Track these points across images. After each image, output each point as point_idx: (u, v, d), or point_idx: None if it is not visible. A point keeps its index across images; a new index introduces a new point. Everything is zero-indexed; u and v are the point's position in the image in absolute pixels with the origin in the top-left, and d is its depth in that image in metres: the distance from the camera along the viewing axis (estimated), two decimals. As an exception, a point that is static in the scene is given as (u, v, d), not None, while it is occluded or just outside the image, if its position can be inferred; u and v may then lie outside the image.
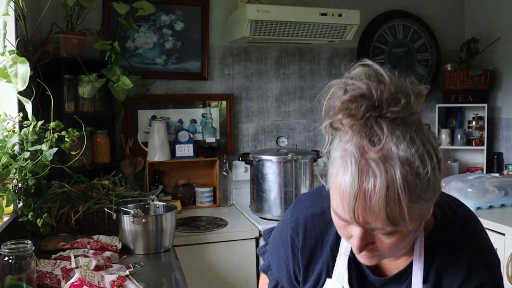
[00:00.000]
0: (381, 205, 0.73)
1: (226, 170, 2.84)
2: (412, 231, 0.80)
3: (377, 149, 0.73)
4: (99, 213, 1.93)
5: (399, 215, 0.74)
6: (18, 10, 1.90)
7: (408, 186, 0.73)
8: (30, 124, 1.76)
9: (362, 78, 0.76)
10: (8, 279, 1.24)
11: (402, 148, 0.73)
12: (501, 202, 2.52)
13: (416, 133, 0.75)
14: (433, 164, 0.75)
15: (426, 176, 0.74)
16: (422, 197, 0.75)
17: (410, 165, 0.73)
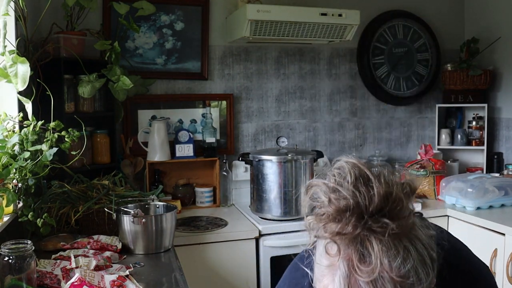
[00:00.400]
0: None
1: (226, 170, 2.84)
2: None
3: (368, 270, 0.67)
4: (99, 213, 1.93)
5: None
6: (18, 10, 1.90)
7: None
8: (30, 124, 1.76)
9: (348, 182, 0.70)
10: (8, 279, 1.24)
11: (395, 266, 0.67)
12: (501, 202, 2.52)
13: (411, 242, 0.68)
14: (429, 278, 0.69)
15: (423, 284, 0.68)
16: None
17: (405, 283, 0.67)
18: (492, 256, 2.21)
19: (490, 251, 2.22)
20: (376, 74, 3.22)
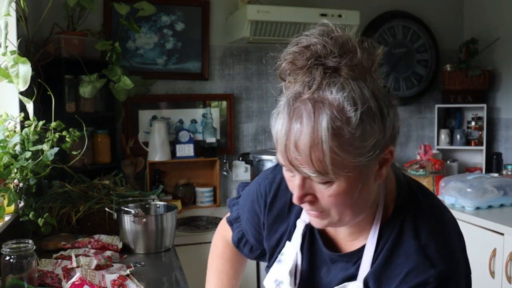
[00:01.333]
0: (306, 148, 0.72)
1: (227, 170, 2.85)
2: (353, 187, 0.78)
3: (310, 91, 0.74)
4: (99, 212, 1.93)
5: (323, 160, 0.72)
6: (20, 11, 1.91)
7: (334, 130, 0.71)
8: (31, 124, 1.76)
9: (314, 34, 0.77)
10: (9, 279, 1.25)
11: (333, 91, 0.73)
12: (500, 202, 2.53)
13: (356, 81, 0.74)
14: (369, 111, 0.73)
15: (361, 123, 0.72)
16: (354, 146, 0.73)
17: (341, 110, 0.72)
18: (491, 256, 2.22)
19: (489, 251, 2.23)
20: (375, 75, 3.22)
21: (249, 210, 1.10)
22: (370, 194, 0.83)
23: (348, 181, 0.77)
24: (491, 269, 2.21)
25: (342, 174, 0.75)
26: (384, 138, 0.76)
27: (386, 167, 0.81)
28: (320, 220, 0.84)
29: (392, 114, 0.78)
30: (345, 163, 0.74)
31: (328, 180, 0.76)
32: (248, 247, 1.14)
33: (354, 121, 0.72)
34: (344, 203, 0.80)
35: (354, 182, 0.77)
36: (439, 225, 0.87)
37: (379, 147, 0.76)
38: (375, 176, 0.81)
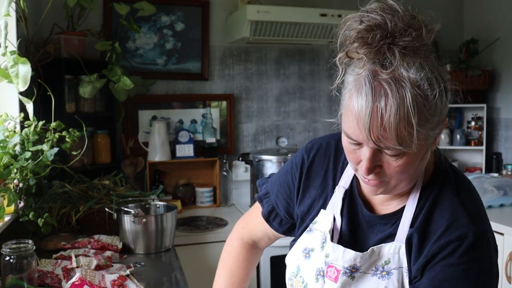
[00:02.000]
0: (391, 123, 0.76)
1: (226, 170, 2.85)
2: (418, 157, 0.84)
3: (388, 71, 0.77)
4: (99, 213, 1.93)
5: (408, 134, 0.77)
6: (19, 11, 1.91)
7: (417, 107, 0.77)
8: (31, 124, 1.76)
9: (377, 11, 0.81)
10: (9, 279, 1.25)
11: (412, 71, 0.77)
12: (500, 202, 2.53)
13: (426, 61, 0.78)
14: (440, 89, 0.79)
15: (434, 100, 0.78)
16: (429, 120, 0.79)
17: (419, 88, 0.77)
18: (491, 256, 2.21)
19: (489, 251, 2.23)
20: (375, 75, 3.22)
21: (281, 183, 1.13)
22: (425, 162, 0.89)
23: (417, 152, 0.82)
24: (491, 269, 2.21)
25: (420, 147, 0.81)
26: (446, 108, 0.83)
27: (439, 135, 0.87)
28: (377, 188, 0.89)
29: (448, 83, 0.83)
30: (422, 136, 0.79)
31: (403, 152, 0.81)
32: (278, 220, 1.16)
33: (431, 97, 0.78)
34: (407, 172, 0.85)
35: (420, 153, 0.84)
36: (473, 189, 0.94)
37: (444, 119, 0.84)
38: (432, 145, 0.87)
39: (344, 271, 0.93)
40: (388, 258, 0.91)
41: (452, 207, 0.88)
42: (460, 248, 0.85)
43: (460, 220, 0.87)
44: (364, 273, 0.92)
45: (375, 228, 0.95)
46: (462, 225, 0.86)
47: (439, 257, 0.86)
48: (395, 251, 0.90)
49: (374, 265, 0.92)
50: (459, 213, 0.87)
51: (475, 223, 0.86)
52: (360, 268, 0.92)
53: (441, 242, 0.86)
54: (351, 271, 0.93)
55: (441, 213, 0.88)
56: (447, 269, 0.85)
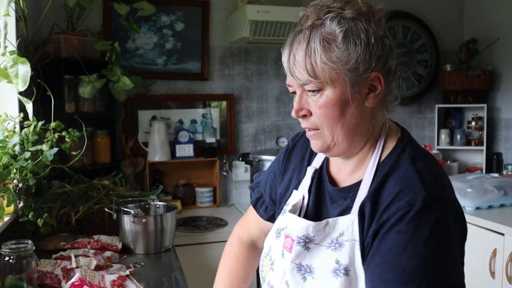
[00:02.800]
0: (302, 57, 0.90)
1: (226, 170, 2.85)
2: (339, 100, 0.90)
3: (309, 23, 0.91)
4: (99, 213, 1.93)
5: (314, 66, 0.89)
6: (19, 11, 1.91)
7: (324, 46, 0.88)
8: (30, 124, 1.76)
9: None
10: (8, 279, 1.25)
11: (328, 22, 0.90)
12: (500, 202, 2.52)
13: (351, 21, 0.89)
14: (354, 33, 0.88)
15: (345, 41, 0.88)
16: (338, 59, 0.88)
17: (332, 33, 0.89)
18: (491, 256, 2.21)
19: (490, 251, 2.22)
20: (375, 75, 3.22)
21: (270, 171, 1.20)
22: (360, 118, 0.92)
23: (335, 92, 0.90)
24: (491, 269, 2.21)
25: (329, 81, 0.89)
26: (369, 60, 0.88)
27: (375, 94, 0.91)
28: (316, 141, 0.96)
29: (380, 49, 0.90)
30: (332, 72, 0.89)
31: (319, 86, 0.90)
32: (264, 207, 1.21)
33: (340, 38, 0.88)
34: (332, 117, 0.91)
35: (341, 95, 0.90)
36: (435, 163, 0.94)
37: (364, 67, 0.88)
38: (364, 99, 0.91)
39: (298, 240, 0.94)
40: (342, 231, 0.91)
41: (407, 174, 0.88)
42: (409, 214, 0.83)
43: (412, 186, 0.85)
44: (319, 245, 0.93)
45: (336, 203, 0.97)
46: (413, 191, 0.85)
47: (388, 224, 0.85)
48: (349, 224, 0.90)
49: (329, 237, 0.92)
50: (412, 179, 0.87)
51: (427, 189, 0.84)
52: (314, 239, 0.93)
53: (391, 209, 0.85)
54: (304, 241, 0.94)
55: (395, 181, 0.88)
56: (395, 236, 0.83)
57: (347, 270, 0.88)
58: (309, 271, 0.93)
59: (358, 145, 0.95)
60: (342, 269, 0.88)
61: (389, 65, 0.92)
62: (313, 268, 0.92)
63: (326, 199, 1.00)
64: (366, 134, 0.94)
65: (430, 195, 0.84)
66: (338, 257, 0.89)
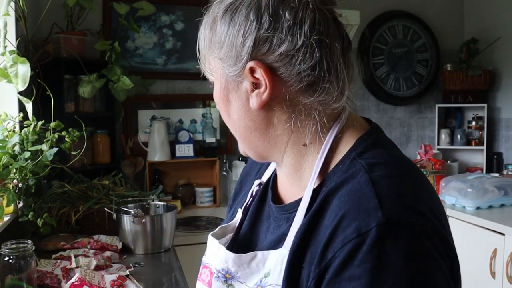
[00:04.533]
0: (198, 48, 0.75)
1: (226, 170, 2.84)
2: (220, 90, 0.75)
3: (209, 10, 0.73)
4: (99, 213, 1.93)
5: (200, 54, 0.76)
6: (19, 11, 1.91)
7: (211, 30, 0.71)
8: (30, 124, 1.76)
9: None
10: (8, 279, 1.24)
11: (219, 7, 0.70)
12: (500, 202, 2.52)
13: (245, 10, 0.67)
14: (232, 16, 0.68)
15: (228, 25, 0.69)
16: (213, 46, 0.71)
17: (215, 20, 0.70)
18: (492, 256, 2.21)
19: (490, 251, 2.22)
20: (376, 74, 3.22)
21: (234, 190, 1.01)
22: (248, 118, 0.72)
23: (218, 86, 0.75)
24: (491, 270, 2.21)
25: (212, 73, 0.76)
26: (243, 49, 0.68)
27: (260, 92, 0.68)
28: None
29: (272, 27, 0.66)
30: (212, 63, 0.74)
31: (211, 79, 0.78)
32: None
33: (218, 22, 0.70)
34: (224, 111, 0.76)
35: (222, 90, 0.74)
36: (406, 170, 0.66)
37: (237, 58, 0.69)
38: (248, 97, 0.70)
39: (217, 274, 0.74)
40: (268, 270, 0.69)
41: (357, 187, 0.62)
42: (361, 249, 0.57)
43: (363, 205, 0.59)
44: (246, 285, 0.71)
45: (274, 225, 0.75)
46: (364, 212, 0.58)
47: (334, 268, 0.59)
48: (277, 262, 0.68)
49: (257, 277, 0.70)
50: (363, 195, 0.60)
51: (385, 208, 0.58)
52: (237, 276, 0.71)
53: (335, 243, 0.59)
54: (224, 277, 0.73)
55: (341, 199, 0.62)
56: (347, 285, 0.57)
57: None
58: None
59: (272, 151, 0.74)
60: None
61: (282, 50, 0.66)
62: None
63: (263, 221, 0.79)
64: (277, 138, 0.72)
65: (388, 216, 0.57)
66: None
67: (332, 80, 0.68)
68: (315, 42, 0.66)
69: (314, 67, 0.66)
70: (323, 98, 0.68)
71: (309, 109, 0.69)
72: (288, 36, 0.66)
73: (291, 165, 0.73)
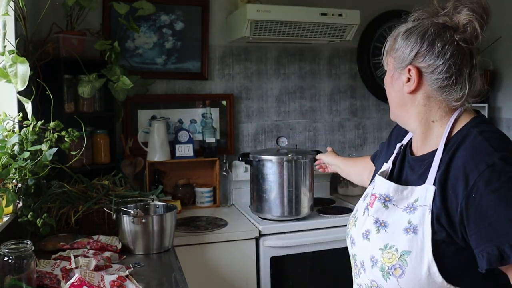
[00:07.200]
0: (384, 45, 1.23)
1: (226, 170, 2.84)
2: (389, 81, 1.19)
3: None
4: (99, 213, 1.93)
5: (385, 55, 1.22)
6: (18, 10, 1.90)
7: (392, 40, 1.19)
8: (30, 124, 1.76)
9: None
10: (8, 279, 1.24)
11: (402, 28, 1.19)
12: (501, 202, 2.51)
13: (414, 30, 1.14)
14: (407, 37, 1.14)
15: (400, 39, 1.15)
16: (394, 51, 1.16)
17: (403, 32, 1.16)
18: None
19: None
20: (376, 74, 3.22)
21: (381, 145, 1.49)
22: (401, 97, 1.16)
23: (388, 75, 1.20)
24: (492, 270, 2.20)
25: (388, 65, 1.20)
26: (408, 57, 1.12)
27: (410, 83, 1.12)
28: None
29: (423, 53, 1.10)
30: (390, 60, 1.19)
31: (386, 69, 1.22)
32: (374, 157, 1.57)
33: (399, 36, 1.16)
34: (388, 91, 1.22)
35: (390, 78, 1.19)
36: (502, 134, 1.06)
37: (403, 61, 1.13)
38: (404, 85, 1.14)
39: (379, 197, 1.14)
40: (417, 197, 1.07)
41: (476, 142, 1.02)
42: (494, 173, 0.95)
43: (485, 150, 0.99)
44: (396, 207, 1.11)
45: (414, 169, 1.16)
46: (487, 154, 0.98)
47: (478, 188, 0.96)
48: (423, 192, 1.06)
49: (406, 202, 1.09)
50: (483, 146, 1.00)
51: (499, 151, 0.97)
52: (393, 199, 1.12)
53: (473, 174, 0.97)
54: (384, 199, 1.13)
55: (466, 150, 1.02)
56: (491, 196, 0.94)
57: (416, 230, 1.04)
58: (384, 225, 1.11)
59: (409, 122, 1.18)
60: (412, 228, 1.04)
61: (430, 63, 1.10)
62: (388, 224, 1.10)
63: (407, 168, 1.19)
64: (415, 114, 1.15)
65: (504, 154, 0.97)
66: (410, 218, 1.06)
67: (457, 89, 1.09)
68: (451, 64, 1.08)
69: (446, 78, 1.09)
70: (447, 97, 1.11)
71: (438, 101, 1.12)
72: (435, 57, 1.09)
73: (422, 133, 1.16)
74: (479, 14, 1.07)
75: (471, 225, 0.96)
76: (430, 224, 1.02)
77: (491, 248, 0.93)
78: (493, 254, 0.93)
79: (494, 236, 0.93)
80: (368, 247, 1.13)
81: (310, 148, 3.11)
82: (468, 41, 1.08)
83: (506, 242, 0.91)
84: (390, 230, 1.09)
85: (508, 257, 0.91)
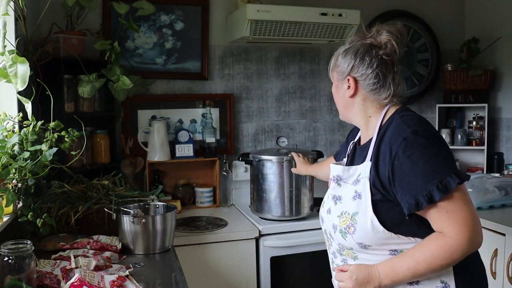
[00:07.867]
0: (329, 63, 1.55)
1: (226, 170, 2.84)
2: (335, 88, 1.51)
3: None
4: (99, 213, 1.93)
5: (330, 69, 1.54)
6: (18, 10, 1.90)
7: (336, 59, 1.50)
8: (30, 124, 1.76)
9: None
10: (8, 279, 1.24)
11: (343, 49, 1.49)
12: (501, 202, 2.52)
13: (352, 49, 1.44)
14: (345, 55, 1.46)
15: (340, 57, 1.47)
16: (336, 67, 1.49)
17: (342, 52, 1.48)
18: (493, 256, 2.21)
19: (491, 251, 2.22)
20: (376, 74, 3.22)
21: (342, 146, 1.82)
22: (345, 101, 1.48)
23: (334, 86, 1.52)
24: (492, 270, 2.20)
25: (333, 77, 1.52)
26: (346, 70, 1.44)
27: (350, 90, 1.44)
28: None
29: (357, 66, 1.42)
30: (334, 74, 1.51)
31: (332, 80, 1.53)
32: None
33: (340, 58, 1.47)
34: (335, 97, 1.53)
35: (335, 88, 1.51)
36: (418, 116, 1.37)
37: (344, 73, 1.45)
38: (345, 91, 1.45)
39: (333, 178, 1.47)
40: (360, 172, 1.37)
41: (396, 124, 1.33)
42: (408, 143, 1.25)
43: (402, 129, 1.30)
44: (346, 183, 1.42)
45: (361, 155, 1.44)
46: (403, 130, 1.29)
47: (398, 156, 1.26)
48: (364, 168, 1.36)
49: (353, 178, 1.40)
50: (401, 126, 1.31)
51: (412, 127, 1.28)
52: (343, 178, 1.43)
53: (394, 147, 1.28)
54: (337, 179, 1.45)
55: (391, 130, 1.33)
56: (407, 160, 1.25)
57: (360, 195, 1.34)
58: (339, 199, 1.42)
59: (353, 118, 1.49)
60: (357, 195, 1.35)
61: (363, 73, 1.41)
62: (342, 197, 1.41)
63: (357, 155, 1.48)
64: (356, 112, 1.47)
65: (414, 129, 1.28)
66: (356, 189, 1.36)
67: (384, 90, 1.41)
68: (378, 72, 1.40)
69: (375, 83, 1.41)
70: (378, 97, 1.42)
71: (371, 101, 1.43)
72: (366, 68, 1.40)
73: (363, 126, 1.47)
74: (395, 34, 1.39)
75: (396, 184, 1.27)
76: (369, 189, 1.32)
77: (410, 199, 1.23)
78: (411, 203, 1.23)
79: (411, 189, 1.23)
80: (330, 218, 1.43)
81: (310, 148, 3.11)
82: (389, 54, 1.40)
83: (419, 193, 1.22)
84: (343, 201, 1.40)
85: (422, 204, 1.22)
